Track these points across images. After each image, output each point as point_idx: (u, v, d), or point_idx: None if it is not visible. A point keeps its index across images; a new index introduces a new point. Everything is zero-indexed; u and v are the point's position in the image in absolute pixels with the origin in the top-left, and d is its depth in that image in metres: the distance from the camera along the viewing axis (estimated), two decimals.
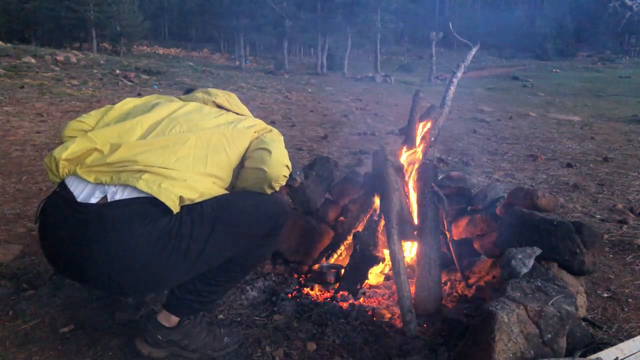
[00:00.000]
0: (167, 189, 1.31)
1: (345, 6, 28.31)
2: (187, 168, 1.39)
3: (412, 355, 1.66)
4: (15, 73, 12.44)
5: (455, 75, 2.73)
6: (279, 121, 8.07)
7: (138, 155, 1.35)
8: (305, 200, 2.54)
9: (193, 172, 1.40)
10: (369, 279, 2.23)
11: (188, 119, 1.52)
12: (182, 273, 1.40)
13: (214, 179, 1.46)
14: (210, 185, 1.43)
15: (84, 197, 1.31)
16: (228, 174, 1.52)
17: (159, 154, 1.37)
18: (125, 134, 1.43)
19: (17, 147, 5.19)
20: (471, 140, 6.98)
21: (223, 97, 1.73)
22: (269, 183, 1.51)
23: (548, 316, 1.47)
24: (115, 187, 1.30)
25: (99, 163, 1.35)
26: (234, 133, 1.53)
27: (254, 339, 1.75)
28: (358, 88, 17.59)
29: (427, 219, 2.15)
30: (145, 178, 1.31)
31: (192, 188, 1.36)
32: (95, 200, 1.30)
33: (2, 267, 2.24)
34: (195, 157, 1.42)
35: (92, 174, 1.34)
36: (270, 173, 1.48)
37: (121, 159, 1.34)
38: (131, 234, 1.26)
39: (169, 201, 1.30)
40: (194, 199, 1.37)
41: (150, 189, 1.29)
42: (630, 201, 3.90)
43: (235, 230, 1.45)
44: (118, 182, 1.31)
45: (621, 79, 24.79)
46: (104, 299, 1.97)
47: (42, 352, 1.65)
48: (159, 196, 1.28)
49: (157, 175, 1.33)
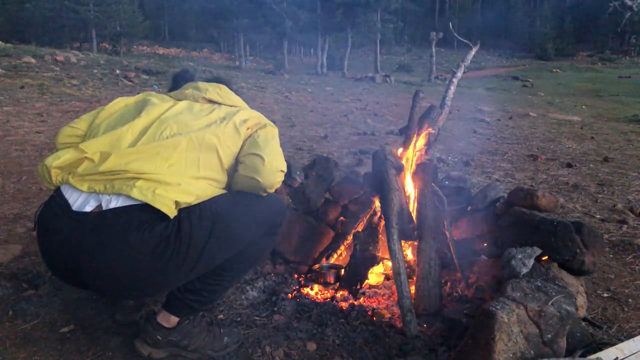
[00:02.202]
0: (161, 195, 1.30)
1: (345, 6, 28.31)
2: (180, 173, 1.38)
3: (412, 355, 1.66)
4: (15, 73, 12.45)
5: (455, 75, 2.73)
6: (279, 121, 8.07)
7: (129, 164, 1.34)
8: (305, 200, 2.54)
9: (186, 176, 1.39)
10: (369, 279, 2.23)
11: (178, 121, 1.49)
12: (182, 276, 1.40)
13: (209, 180, 1.45)
14: (206, 187, 1.43)
15: (78, 206, 1.31)
16: (222, 175, 1.51)
17: (150, 162, 1.36)
18: (116, 142, 1.41)
19: (17, 147, 5.19)
20: (471, 140, 6.98)
21: (213, 91, 1.67)
22: (263, 190, 1.51)
23: (548, 316, 1.47)
24: (109, 196, 1.30)
25: (90, 172, 1.35)
26: (226, 132, 1.50)
27: (254, 339, 1.75)
28: (358, 88, 17.59)
29: (427, 219, 2.14)
30: (139, 185, 1.30)
31: (187, 192, 1.36)
32: (90, 209, 1.30)
33: (2, 267, 2.24)
34: (187, 161, 1.41)
35: (85, 183, 1.34)
36: (264, 182, 1.48)
37: (112, 168, 1.34)
38: (128, 242, 1.26)
39: (165, 207, 1.29)
40: (191, 202, 1.36)
41: (144, 196, 1.29)
42: (630, 201, 3.90)
43: (234, 230, 1.44)
44: (112, 190, 1.31)
45: (621, 79, 24.80)
46: (103, 299, 1.97)
47: (42, 352, 1.64)
48: (154, 203, 1.28)
49: (150, 182, 1.32)
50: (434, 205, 2.18)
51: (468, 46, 2.96)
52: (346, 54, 29.56)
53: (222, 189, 1.50)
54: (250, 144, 1.53)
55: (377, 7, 29.13)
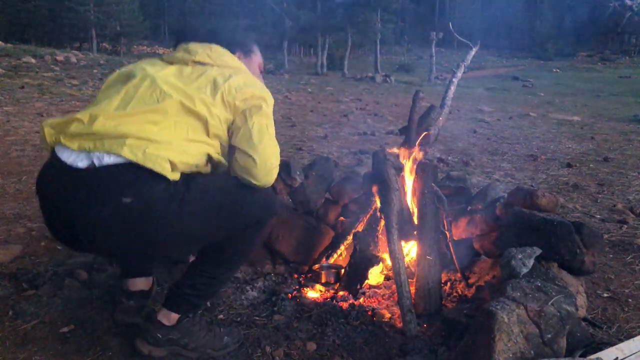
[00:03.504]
0: (152, 154, 1.29)
1: (345, 6, 28.31)
2: (171, 135, 1.36)
3: (412, 355, 1.66)
4: (15, 73, 12.45)
5: (455, 75, 2.73)
6: (279, 121, 8.07)
7: (118, 126, 1.33)
8: (305, 200, 2.54)
9: (177, 138, 1.37)
10: (369, 279, 2.23)
11: (167, 85, 1.44)
12: (170, 242, 1.41)
13: (201, 144, 1.43)
14: (200, 148, 1.42)
15: (71, 162, 1.32)
16: (214, 141, 1.47)
17: (139, 125, 1.35)
18: (105, 105, 1.40)
19: (17, 147, 5.19)
20: (471, 140, 6.98)
21: (203, 53, 1.56)
22: (259, 187, 1.52)
23: (548, 316, 1.47)
24: (100, 154, 1.30)
25: (80, 132, 1.34)
26: (216, 104, 1.44)
27: (254, 339, 1.75)
28: (358, 88, 17.59)
29: (427, 219, 2.15)
30: (129, 144, 1.29)
31: (180, 150, 1.35)
32: (82, 165, 1.30)
33: (2, 267, 2.24)
34: (177, 125, 1.39)
35: (75, 142, 1.33)
36: (258, 183, 1.50)
37: (101, 129, 1.33)
38: (119, 200, 1.26)
39: (157, 166, 1.28)
40: (189, 162, 1.37)
41: (135, 155, 1.28)
42: (630, 201, 3.91)
43: (228, 207, 1.47)
44: (102, 148, 1.30)
45: (621, 79, 24.79)
46: (104, 299, 1.97)
47: (42, 352, 1.65)
48: (145, 163, 1.28)
49: (141, 140, 1.31)
50: (434, 205, 2.18)
51: (468, 46, 2.96)
52: (346, 54, 29.56)
53: (217, 154, 1.48)
54: (243, 135, 1.48)
55: (377, 7, 29.12)
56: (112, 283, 2.08)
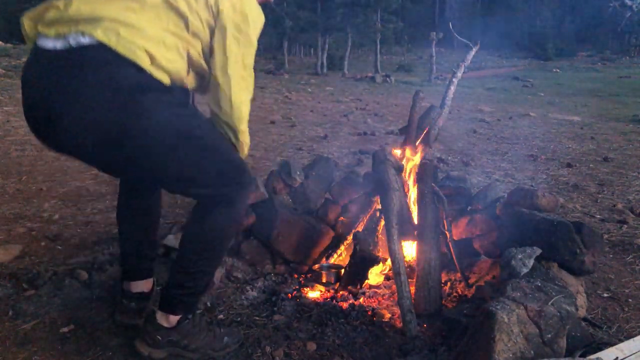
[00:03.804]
0: (126, 39, 1.26)
1: (345, 6, 28.30)
2: (149, 21, 1.32)
3: (412, 355, 1.66)
4: (15, 73, 12.42)
5: (455, 75, 2.73)
6: (278, 121, 8.07)
7: (94, 10, 1.30)
8: (305, 200, 2.55)
9: (155, 27, 1.33)
10: (369, 279, 2.23)
11: None
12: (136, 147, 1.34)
13: (180, 39, 1.38)
14: (179, 42, 1.37)
15: (49, 48, 1.30)
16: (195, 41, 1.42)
17: (116, 10, 1.31)
18: None
19: (17, 147, 5.19)
20: (471, 140, 6.98)
21: None
22: (228, 127, 1.52)
23: (548, 316, 1.47)
24: (75, 35, 1.27)
25: (56, 17, 1.32)
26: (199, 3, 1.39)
27: (254, 339, 1.75)
28: (358, 88, 17.58)
29: (427, 219, 2.15)
30: (104, 26, 1.27)
31: (158, 41, 1.31)
32: (60, 47, 1.28)
33: (2, 267, 2.24)
34: (155, 15, 1.34)
35: (52, 29, 1.31)
36: (223, 117, 1.48)
37: (77, 13, 1.30)
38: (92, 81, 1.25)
39: (130, 53, 1.25)
40: (170, 60, 1.33)
41: (108, 39, 1.25)
42: (630, 201, 3.91)
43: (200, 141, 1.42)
44: (76, 30, 1.27)
45: (621, 79, 24.77)
46: (104, 299, 1.97)
47: (42, 352, 1.65)
48: (117, 47, 1.25)
49: (115, 22, 1.28)
50: (434, 205, 2.18)
51: (468, 46, 2.96)
52: (346, 54, 29.54)
53: (199, 55, 1.44)
54: (218, 52, 1.43)
55: (377, 7, 29.11)
56: (112, 283, 2.07)
